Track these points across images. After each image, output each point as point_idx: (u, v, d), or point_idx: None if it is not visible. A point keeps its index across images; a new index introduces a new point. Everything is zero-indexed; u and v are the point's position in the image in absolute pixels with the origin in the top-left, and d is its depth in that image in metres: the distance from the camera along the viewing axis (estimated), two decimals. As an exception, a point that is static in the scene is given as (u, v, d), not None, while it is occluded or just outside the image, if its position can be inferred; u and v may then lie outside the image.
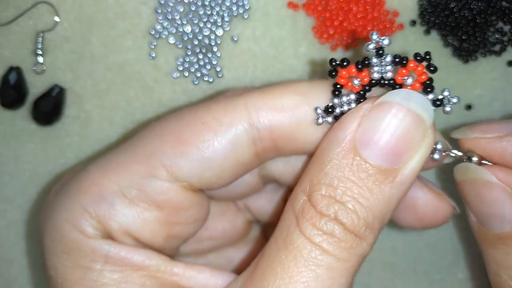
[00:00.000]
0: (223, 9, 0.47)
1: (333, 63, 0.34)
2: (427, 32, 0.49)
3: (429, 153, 0.34)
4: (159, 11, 0.47)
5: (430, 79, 0.33)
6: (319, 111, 0.35)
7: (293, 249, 0.33)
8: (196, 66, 0.48)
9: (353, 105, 0.35)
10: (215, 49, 0.47)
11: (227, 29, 0.47)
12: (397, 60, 0.33)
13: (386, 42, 0.34)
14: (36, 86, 0.48)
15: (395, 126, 0.32)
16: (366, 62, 0.34)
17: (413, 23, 0.49)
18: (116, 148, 0.38)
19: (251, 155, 0.37)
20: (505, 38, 0.49)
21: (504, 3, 0.48)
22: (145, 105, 0.48)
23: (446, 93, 0.34)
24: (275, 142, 0.36)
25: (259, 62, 0.48)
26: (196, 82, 0.48)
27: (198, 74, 0.48)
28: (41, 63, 0.47)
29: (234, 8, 0.47)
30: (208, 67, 0.48)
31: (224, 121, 0.36)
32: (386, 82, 0.34)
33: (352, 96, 0.34)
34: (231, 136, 0.36)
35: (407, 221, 0.41)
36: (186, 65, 0.48)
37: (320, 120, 0.35)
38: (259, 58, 0.48)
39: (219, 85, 0.48)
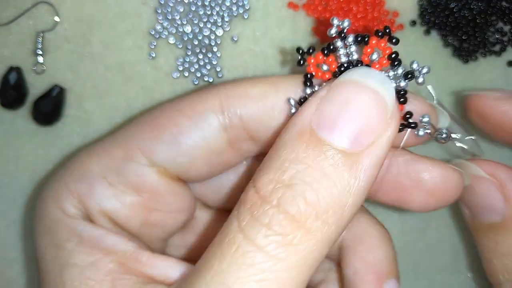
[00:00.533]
0: (223, 9, 0.47)
1: (300, 52, 0.34)
2: (427, 32, 0.49)
3: (394, 135, 0.31)
4: (159, 11, 0.47)
5: (395, 52, 0.33)
6: (292, 102, 0.35)
7: (230, 247, 0.30)
8: (196, 66, 0.48)
9: None
10: (215, 49, 0.47)
11: (227, 29, 0.47)
12: (359, 39, 0.33)
13: (346, 24, 0.34)
14: (36, 86, 0.48)
15: (353, 104, 0.30)
16: (331, 47, 0.34)
17: (413, 23, 0.49)
18: (106, 136, 0.40)
19: (223, 143, 0.37)
20: (505, 38, 0.49)
21: (504, 3, 0.48)
22: (145, 105, 0.48)
23: (415, 65, 0.33)
24: (247, 131, 0.37)
25: (259, 62, 0.48)
26: (196, 82, 0.48)
27: (198, 74, 0.48)
28: (41, 63, 0.47)
29: (234, 8, 0.47)
30: (208, 67, 0.48)
31: (197, 107, 0.37)
32: (354, 65, 0.34)
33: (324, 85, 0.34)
34: (202, 122, 0.37)
35: (419, 202, 0.39)
36: (186, 65, 0.48)
37: (293, 110, 0.35)
38: (259, 58, 0.48)
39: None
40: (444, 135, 0.36)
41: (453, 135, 0.37)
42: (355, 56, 0.34)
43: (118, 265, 0.35)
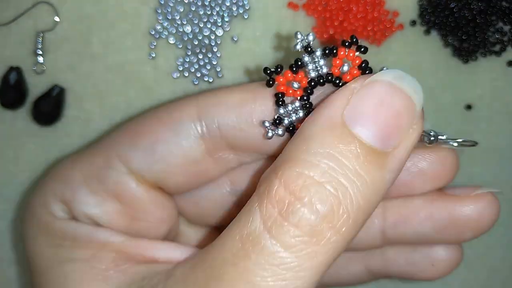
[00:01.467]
0: (223, 9, 0.47)
1: (268, 72, 0.33)
2: (427, 32, 0.49)
3: (416, 140, 0.31)
4: (159, 11, 0.47)
5: (365, 61, 0.33)
6: (267, 124, 0.34)
7: (255, 246, 0.29)
8: (196, 66, 0.48)
9: (300, 113, 0.34)
10: (215, 49, 0.47)
11: (227, 29, 0.47)
12: (327, 51, 0.33)
13: (310, 38, 0.33)
14: (36, 86, 0.48)
15: (388, 104, 0.30)
16: (299, 63, 0.33)
17: (413, 23, 0.49)
18: (92, 144, 0.40)
19: (200, 152, 0.37)
20: (505, 38, 0.49)
21: (504, 3, 0.48)
22: (145, 105, 0.48)
23: (385, 70, 0.33)
24: (225, 140, 0.37)
25: (259, 62, 0.48)
26: (196, 82, 0.48)
27: (198, 74, 0.48)
28: (41, 63, 0.47)
29: (234, 8, 0.47)
30: (208, 67, 0.48)
31: (174, 115, 0.37)
32: (324, 79, 0.33)
33: (297, 103, 0.34)
34: (178, 130, 0.36)
35: (425, 190, 0.39)
36: (186, 65, 0.48)
37: (270, 134, 0.34)
38: (259, 58, 0.48)
39: (219, 85, 0.48)
40: (432, 137, 0.36)
41: (440, 137, 0.37)
42: (325, 70, 0.33)
43: (119, 253, 0.36)
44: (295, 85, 0.33)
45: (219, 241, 0.31)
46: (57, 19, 0.47)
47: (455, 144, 0.38)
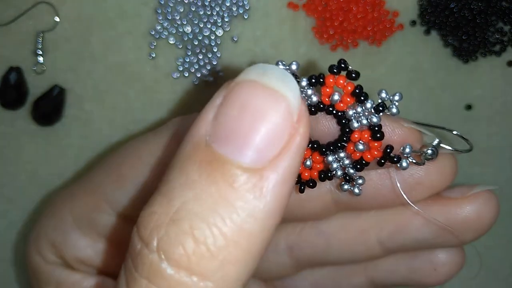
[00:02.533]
0: (223, 9, 0.47)
1: None
2: (427, 32, 0.49)
3: (304, 141, 0.25)
4: (159, 11, 0.47)
5: (359, 87, 0.29)
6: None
7: None
8: (196, 66, 0.48)
9: None
10: (215, 49, 0.47)
11: (227, 29, 0.47)
12: (313, 80, 0.29)
13: (294, 67, 0.28)
14: (36, 86, 0.48)
15: (251, 109, 0.24)
16: None
17: (413, 23, 0.49)
18: (81, 179, 0.40)
19: None
20: (505, 38, 0.49)
21: (504, 3, 0.48)
22: (145, 105, 0.48)
23: (383, 95, 0.30)
24: None
25: (259, 62, 0.48)
26: (196, 82, 0.48)
27: (198, 75, 0.48)
28: (41, 63, 0.47)
29: (234, 9, 0.47)
30: (208, 67, 0.48)
31: (157, 155, 0.35)
32: (316, 108, 0.30)
33: None
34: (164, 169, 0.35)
35: (419, 197, 0.37)
36: (186, 66, 0.48)
37: None
38: (259, 58, 0.48)
39: (219, 85, 0.48)
40: (430, 152, 0.33)
41: (441, 149, 0.34)
42: (315, 99, 0.29)
43: None
44: None
45: None
46: (57, 19, 0.47)
47: (450, 148, 0.36)
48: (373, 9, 0.47)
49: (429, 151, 0.33)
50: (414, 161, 0.33)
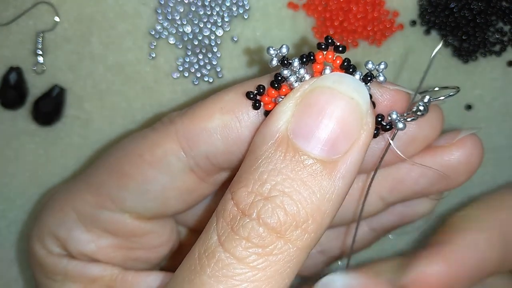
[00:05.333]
0: (223, 9, 0.47)
1: (251, 96, 0.33)
2: (427, 32, 0.49)
3: (369, 140, 0.31)
4: (159, 11, 0.47)
5: (346, 60, 0.32)
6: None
7: (210, 260, 0.29)
8: (196, 67, 0.48)
9: None
10: (215, 49, 0.47)
11: (227, 29, 0.47)
12: (304, 59, 0.32)
13: (284, 50, 0.32)
14: (36, 86, 0.48)
15: (330, 113, 0.29)
16: (280, 78, 0.32)
17: (413, 23, 0.49)
18: (82, 174, 0.40)
19: (193, 182, 0.37)
20: (505, 38, 0.49)
21: (504, 3, 0.48)
22: (145, 106, 0.48)
23: (370, 65, 0.32)
24: (216, 165, 0.36)
25: (259, 62, 0.48)
26: (196, 83, 0.48)
27: (198, 75, 0.48)
28: (41, 63, 0.47)
29: (234, 9, 0.47)
30: (208, 67, 0.48)
31: (157, 153, 0.36)
32: None
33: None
34: (165, 168, 0.36)
35: (415, 152, 0.39)
36: (186, 66, 0.48)
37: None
38: (259, 58, 0.48)
39: (219, 85, 0.48)
40: (422, 108, 0.34)
41: (432, 100, 0.35)
42: (308, 77, 0.32)
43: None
44: (281, 99, 0.32)
45: (182, 262, 0.31)
46: (57, 19, 0.47)
47: (442, 98, 0.37)
48: (373, 9, 0.47)
49: (421, 107, 0.34)
50: (408, 119, 0.34)
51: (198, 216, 0.43)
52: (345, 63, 0.32)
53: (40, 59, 0.47)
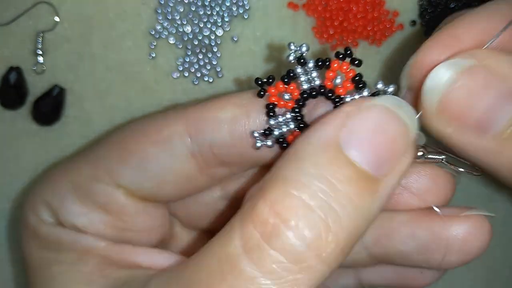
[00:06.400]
0: (223, 9, 0.47)
1: (259, 82, 0.33)
2: (427, 32, 0.49)
3: (408, 169, 0.30)
4: (159, 11, 0.47)
5: (359, 75, 0.32)
6: (256, 134, 0.33)
7: (232, 269, 0.27)
8: (196, 66, 0.48)
9: (291, 125, 0.33)
10: (215, 49, 0.47)
11: (227, 29, 0.47)
12: (319, 63, 0.32)
13: (304, 49, 0.32)
14: (36, 86, 0.48)
15: (384, 130, 0.29)
16: (291, 74, 0.32)
17: (413, 23, 0.49)
18: (84, 151, 0.40)
19: (193, 169, 0.36)
20: (505, 38, 0.49)
21: (504, 3, 0.48)
22: (145, 105, 0.48)
23: (380, 85, 0.32)
24: (218, 157, 0.36)
25: (259, 62, 0.48)
26: (196, 82, 0.48)
27: (198, 74, 0.48)
28: (41, 63, 0.47)
29: (234, 8, 0.47)
30: (208, 67, 0.48)
31: (164, 133, 0.36)
32: (317, 91, 0.32)
33: (288, 115, 0.33)
34: (168, 149, 0.36)
35: (407, 204, 0.37)
36: (186, 65, 0.48)
37: (258, 144, 0.33)
38: (259, 58, 0.48)
39: (219, 85, 0.48)
40: (420, 153, 0.34)
41: (430, 155, 0.35)
42: (318, 82, 0.32)
43: (103, 258, 0.36)
44: (286, 96, 0.33)
45: (197, 258, 0.29)
46: (57, 19, 0.47)
47: (461, 170, 0.36)
48: (373, 9, 0.47)
49: (419, 153, 0.34)
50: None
51: (196, 211, 0.42)
52: (357, 78, 0.32)
53: (40, 59, 0.47)
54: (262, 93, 0.33)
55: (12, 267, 0.51)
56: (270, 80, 0.33)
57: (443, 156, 0.34)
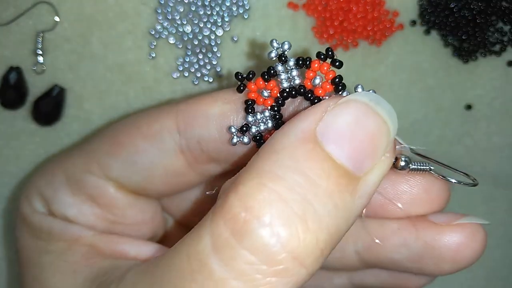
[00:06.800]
0: (223, 9, 0.47)
1: (239, 77, 0.32)
2: (427, 32, 0.49)
3: (388, 169, 0.29)
4: (159, 11, 0.47)
5: (339, 76, 0.31)
6: (233, 130, 0.33)
7: (202, 270, 0.24)
8: (196, 66, 0.48)
9: (269, 123, 0.33)
10: (215, 49, 0.47)
11: (227, 29, 0.47)
12: (300, 62, 0.32)
13: (286, 46, 0.32)
14: (36, 86, 0.48)
15: (363, 125, 0.28)
16: (272, 72, 0.32)
17: (413, 23, 0.49)
18: (80, 144, 0.41)
19: (181, 165, 0.36)
20: (505, 38, 0.49)
21: (504, 3, 0.48)
22: (145, 105, 0.48)
23: (359, 89, 0.31)
24: (207, 153, 0.35)
25: (259, 62, 0.48)
26: (196, 82, 0.48)
27: (198, 74, 0.48)
28: (41, 63, 0.47)
29: (234, 8, 0.47)
30: (208, 67, 0.48)
31: (154, 127, 0.36)
32: (296, 91, 0.32)
33: (267, 113, 0.33)
34: (157, 143, 0.36)
35: (397, 213, 0.37)
36: (186, 65, 0.48)
37: (234, 140, 0.33)
38: (259, 58, 0.48)
39: (219, 85, 0.48)
40: (403, 164, 0.33)
41: (412, 165, 0.33)
42: (297, 81, 0.32)
43: (90, 247, 0.36)
44: (265, 93, 0.32)
45: (170, 253, 0.28)
46: (57, 19, 0.47)
47: (453, 181, 0.35)
48: (373, 9, 0.47)
49: (402, 163, 0.33)
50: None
51: (188, 208, 0.42)
52: (337, 79, 0.31)
53: (40, 59, 0.47)
54: (241, 88, 0.32)
55: (13, 268, 0.51)
56: (250, 76, 0.32)
57: (429, 167, 0.34)
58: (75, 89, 0.48)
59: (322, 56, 0.31)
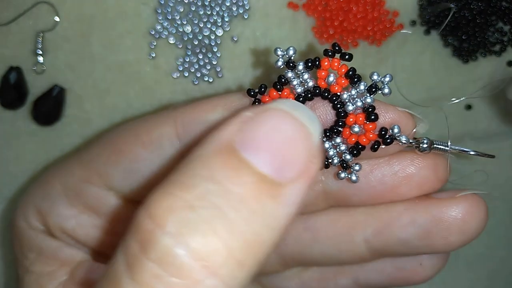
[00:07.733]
0: (223, 9, 0.47)
1: (252, 93, 0.32)
2: (427, 32, 0.49)
3: (315, 176, 0.28)
4: (159, 11, 0.47)
5: (352, 69, 0.31)
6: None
7: (111, 282, 0.23)
8: (196, 66, 0.48)
9: None
10: (215, 49, 0.47)
11: (227, 29, 0.47)
12: (309, 64, 0.31)
13: (291, 52, 0.31)
14: (36, 86, 0.48)
15: (280, 130, 0.27)
16: (283, 80, 0.32)
17: (413, 23, 0.49)
18: (76, 152, 0.40)
19: None
20: (505, 38, 0.49)
21: (504, 3, 0.48)
22: (145, 105, 0.48)
23: (375, 77, 0.31)
24: None
25: (259, 62, 0.48)
26: (196, 82, 0.48)
27: (198, 74, 0.48)
28: (41, 63, 0.47)
29: (234, 8, 0.47)
30: (208, 67, 0.48)
31: (153, 134, 0.35)
32: (312, 93, 0.32)
33: None
34: (158, 150, 0.35)
35: (408, 194, 0.37)
36: (186, 65, 0.48)
37: None
38: (258, 58, 0.48)
39: (219, 85, 0.48)
40: (425, 145, 0.34)
41: (435, 144, 0.34)
42: (311, 83, 0.32)
43: (71, 277, 0.36)
44: None
45: (103, 276, 0.26)
46: (57, 19, 0.47)
47: (472, 153, 0.36)
48: (373, 9, 0.47)
49: (424, 145, 0.33)
50: (410, 141, 0.33)
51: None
52: (350, 72, 0.31)
53: (40, 59, 0.47)
54: (256, 103, 0.32)
55: (13, 268, 0.51)
56: (263, 89, 0.32)
57: (449, 144, 0.34)
58: (75, 89, 0.48)
59: (330, 53, 0.31)
